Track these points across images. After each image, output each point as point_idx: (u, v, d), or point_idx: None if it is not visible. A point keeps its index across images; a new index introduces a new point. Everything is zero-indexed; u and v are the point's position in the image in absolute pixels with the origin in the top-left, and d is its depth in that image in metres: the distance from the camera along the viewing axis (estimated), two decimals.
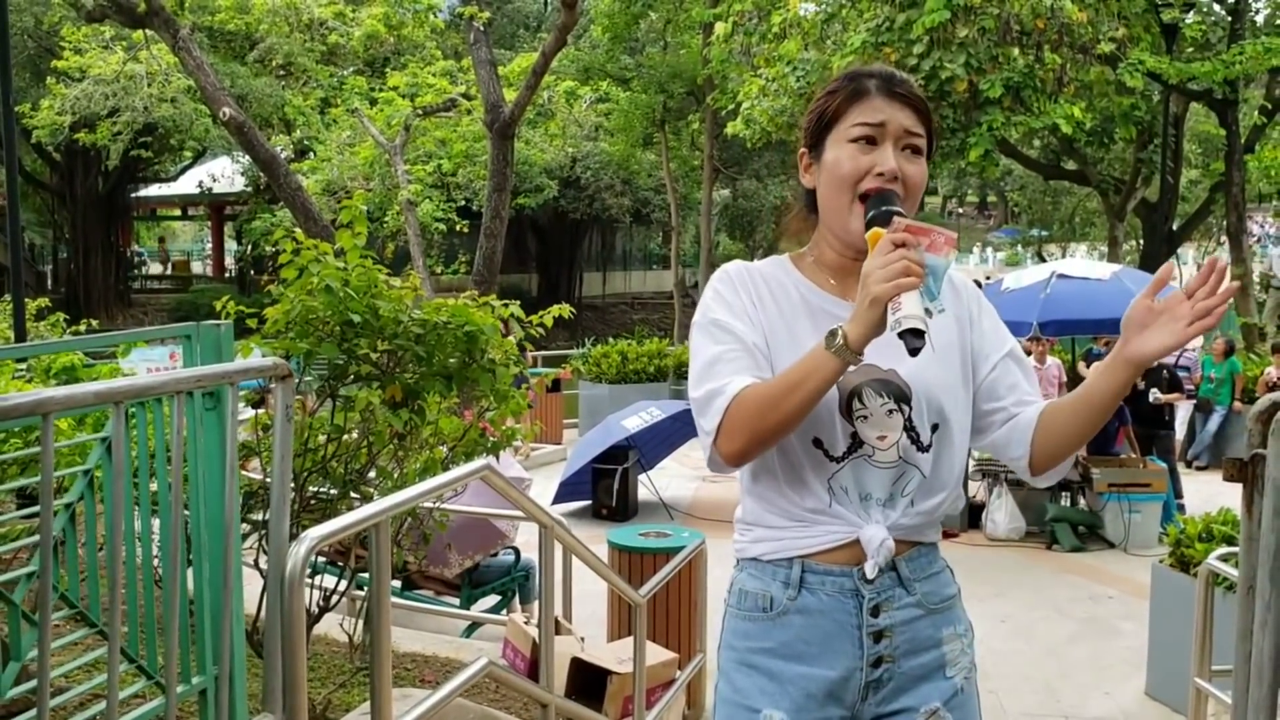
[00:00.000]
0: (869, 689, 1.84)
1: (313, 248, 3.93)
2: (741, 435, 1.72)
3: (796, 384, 1.68)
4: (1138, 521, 9.00)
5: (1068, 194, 33.44)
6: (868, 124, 1.79)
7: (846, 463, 1.81)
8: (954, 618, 1.91)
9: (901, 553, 1.84)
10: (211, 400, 2.56)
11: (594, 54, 25.87)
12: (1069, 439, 1.83)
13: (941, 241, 1.64)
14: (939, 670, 1.86)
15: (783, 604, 1.84)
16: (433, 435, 4.45)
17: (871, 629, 1.82)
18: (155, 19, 12.48)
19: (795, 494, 1.83)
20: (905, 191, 1.78)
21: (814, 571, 1.83)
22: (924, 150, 1.83)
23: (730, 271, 1.92)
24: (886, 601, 1.83)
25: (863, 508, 1.82)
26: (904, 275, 1.58)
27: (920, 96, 1.84)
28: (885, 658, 1.83)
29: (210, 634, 2.59)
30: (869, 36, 12.49)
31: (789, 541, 1.85)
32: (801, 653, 1.83)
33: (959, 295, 1.94)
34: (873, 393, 1.81)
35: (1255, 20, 16.65)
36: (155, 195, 37.96)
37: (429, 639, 6.07)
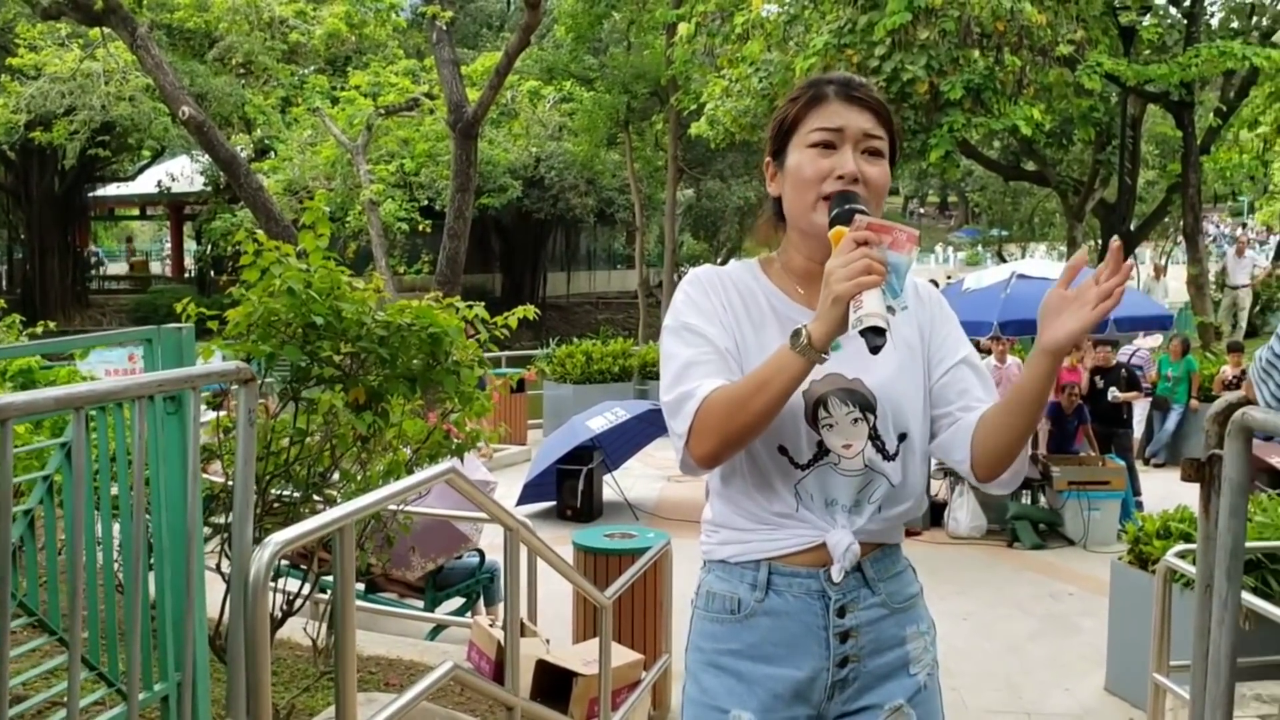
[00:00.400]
0: (835, 688, 1.86)
1: (274, 249, 3.90)
2: (712, 437, 1.74)
3: (763, 384, 1.69)
4: (1097, 519, 9.10)
5: (1027, 195, 33.81)
6: (826, 129, 1.81)
7: (811, 470, 1.83)
8: (917, 616, 1.94)
9: (866, 554, 1.86)
10: (173, 404, 2.54)
11: (558, 54, 25.84)
12: (1007, 438, 1.81)
13: (904, 239, 1.65)
14: (903, 668, 1.90)
15: (750, 606, 1.86)
16: (396, 438, 4.43)
17: (838, 629, 1.85)
18: (113, 16, 12.35)
19: (763, 498, 1.85)
20: (868, 192, 1.80)
21: (781, 574, 1.85)
22: (884, 152, 1.85)
23: (701, 275, 1.94)
24: (852, 602, 1.85)
25: (828, 513, 1.84)
26: (865, 273, 1.60)
27: (879, 100, 1.85)
28: (851, 657, 1.85)
29: (172, 640, 2.57)
30: (831, 38, 12.55)
31: (756, 544, 1.87)
32: (769, 654, 1.85)
33: (921, 301, 1.96)
34: (838, 401, 1.83)
35: (1210, 24, 16.88)
36: (113, 195, 37.52)
37: (393, 642, 6.05)
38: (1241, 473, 1.87)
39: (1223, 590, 1.84)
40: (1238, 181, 21.15)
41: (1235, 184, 22.08)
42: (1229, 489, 1.86)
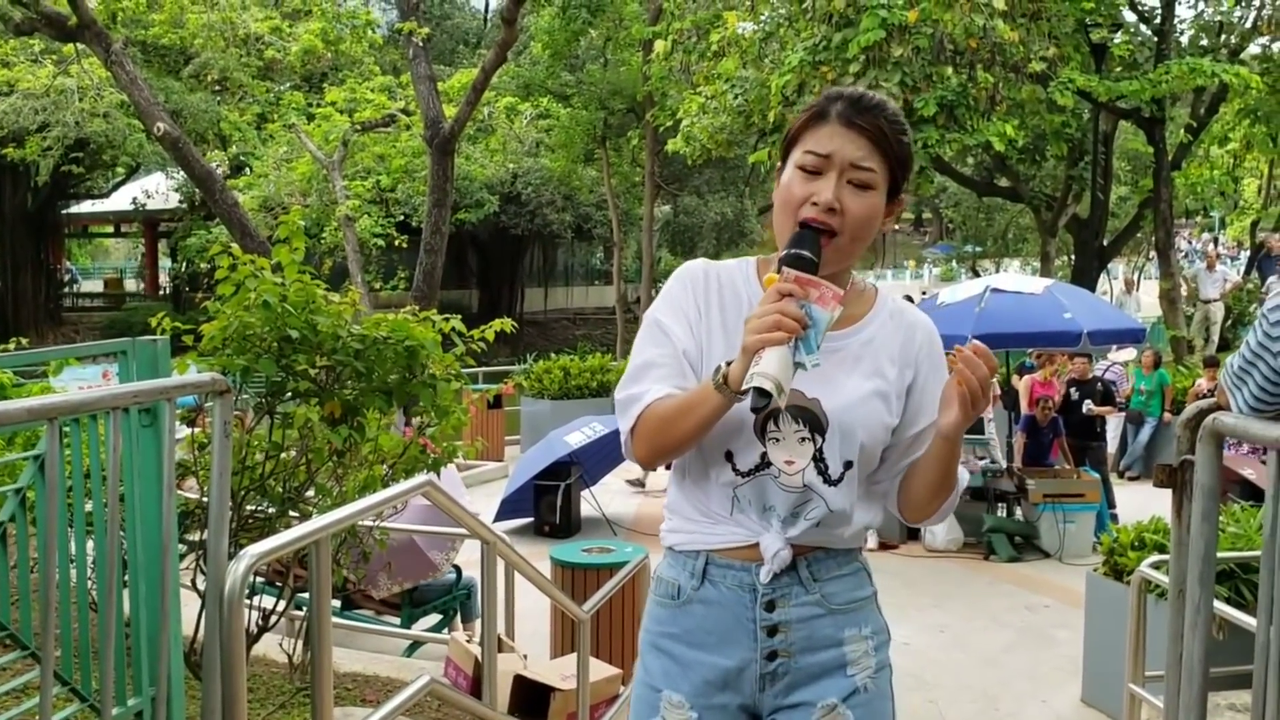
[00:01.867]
0: (765, 680, 1.89)
1: (249, 263, 3.89)
2: (645, 444, 1.84)
3: (687, 411, 1.77)
4: (1072, 531, 9.15)
5: (1001, 210, 34.06)
6: (815, 153, 1.80)
7: (751, 479, 1.86)
8: (861, 620, 1.93)
9: (805, 554, 1.89)
10: (148, 417, 2.53)
11: (534, 70, 25.88)
12: (923, 497, 1.91)
13: (828, 295, 1.67)
14: (839, 669, 1.90)
15: (688, 593, 1.91)
16: (372, 452, 4.42)
17: (765, 623, 1.87)
18: (87, 33, 12.30)
19: (704, 495, 1.90)
20: (844, 225, 1.79)
21: (717, 565, 1.89)
22: (874, 184, 1.81)
23: (690, 270, 1.95)
24: (782, 598, 1.87)
25: (763, 519, 1.87)
26: (773, 329, 1.63)
27: (882, 127, 1.82)
28: (780, 652, 1.88)
29: (147, 655, 2.55)
30: (806, 55, 12.61)
31: (698, 536, 1.91)
32: (702, 641, 1.89)
33: (913, 342, 1.94)
34: (789, 418, 1.84)
35: (1180, 41, 17.06)
36: (87, 212, 37.27)
37: (370, 659, 6.01)
38: (1213, 478, 1.89)
39: (1195, 595, 1.85)
40: (1209, 197, 21.34)
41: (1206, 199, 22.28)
42: (1201, 494, 1.88)
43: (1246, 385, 2.00)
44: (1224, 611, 4.13)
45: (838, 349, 1.85)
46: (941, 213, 51.02)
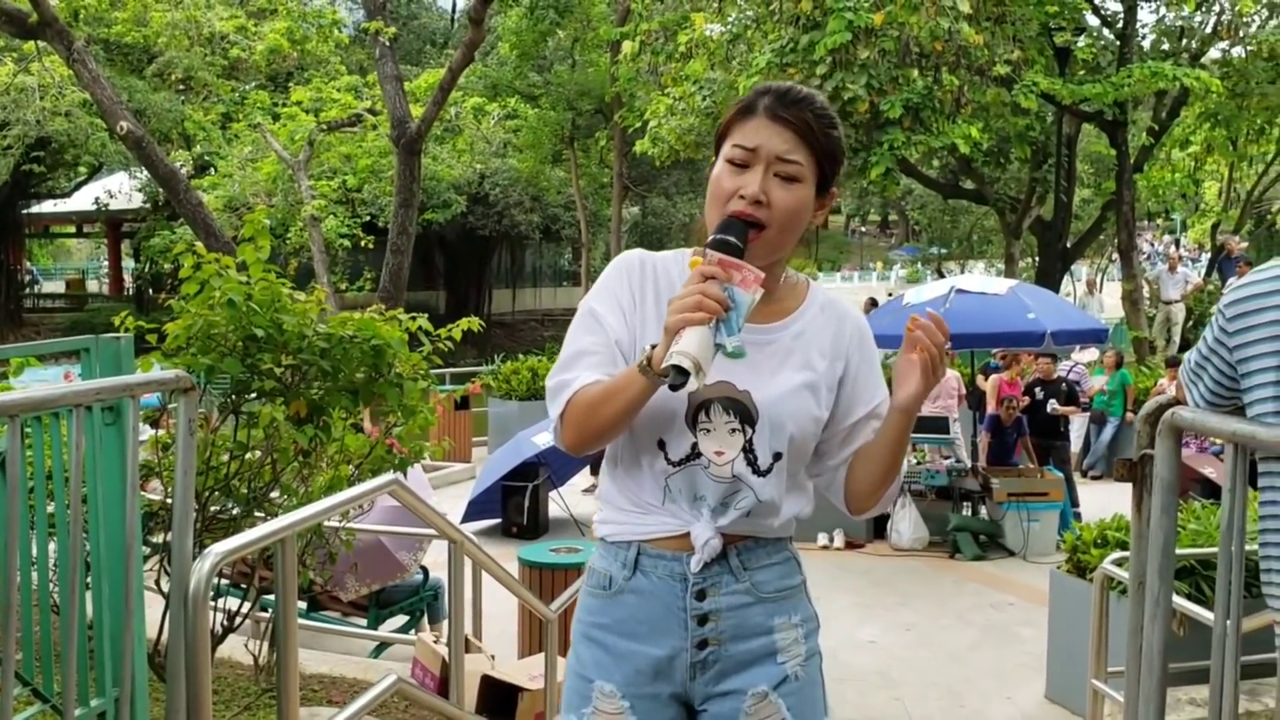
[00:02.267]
0: (695, 669, 1.90)
1: (214, 261, 3.87)
2: (572, 431, 1.85)
3: (612, 395, 1.78)
4: (1036, 530, 9.23)
5: (966, 213, 34.29)
6: (742, 147, 1.82)
7: (681, 469, 1.87)
8: (790, 608, 1.95)
9: (735, 543, 1.90)
10: (111, 415, 2.51)
11: (502, 71, 25.84)
12: (871, 483, 1.94)
13: (750, 278, 1.69)
14: (769, 656, 1.91)
15: (619, 584, 1.92)
16: (338, 453, 4.40)
17: (696, 612, 1.88)
18: (48, 30, 12.16)
19: (635, 485, 1.92)
20: (772, 217, 1.81)
21: (648, 555, 1.90)
22: (801, 177, 1.83)
23: (626, 260, 1.97)
24: (713, 587, 1.89)
25: (694, 509, 1.89)
26: (695, 309, 1.65)
27: (808, 121, 1.83)
28: (710, 640, 1.89)
29: (110, 656, 2.53)
30: (773, 57, 12.65)
31: (629, 526, 1.93)
32: (633, 630, 1.90)
33: (843, 334, 1.97)
34: (720, 409, 1.86)
35: (1142, 45, 17.26)
36: (49, 212, 36.76)
37: (336, 660, 5.97)
38: (1172, 472, 1.92)
39: (1155, 587, 1.88)
40: (1170, 200, 21.61)
41: (1168, 202, 22.56)
42: (1160, 487, 1.90)
43: (1202, 380, 2.03)
44: (1184, 607, 4.19)
45: (769, 341, 1.88)
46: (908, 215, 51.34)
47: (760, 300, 1.76)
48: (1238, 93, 16.80)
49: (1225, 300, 2.00)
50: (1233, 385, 1.97)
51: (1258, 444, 1.78)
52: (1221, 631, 1.84)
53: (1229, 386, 1.98)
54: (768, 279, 1.79)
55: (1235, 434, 1.80)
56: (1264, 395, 1.90)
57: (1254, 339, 1.91)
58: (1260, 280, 1.95)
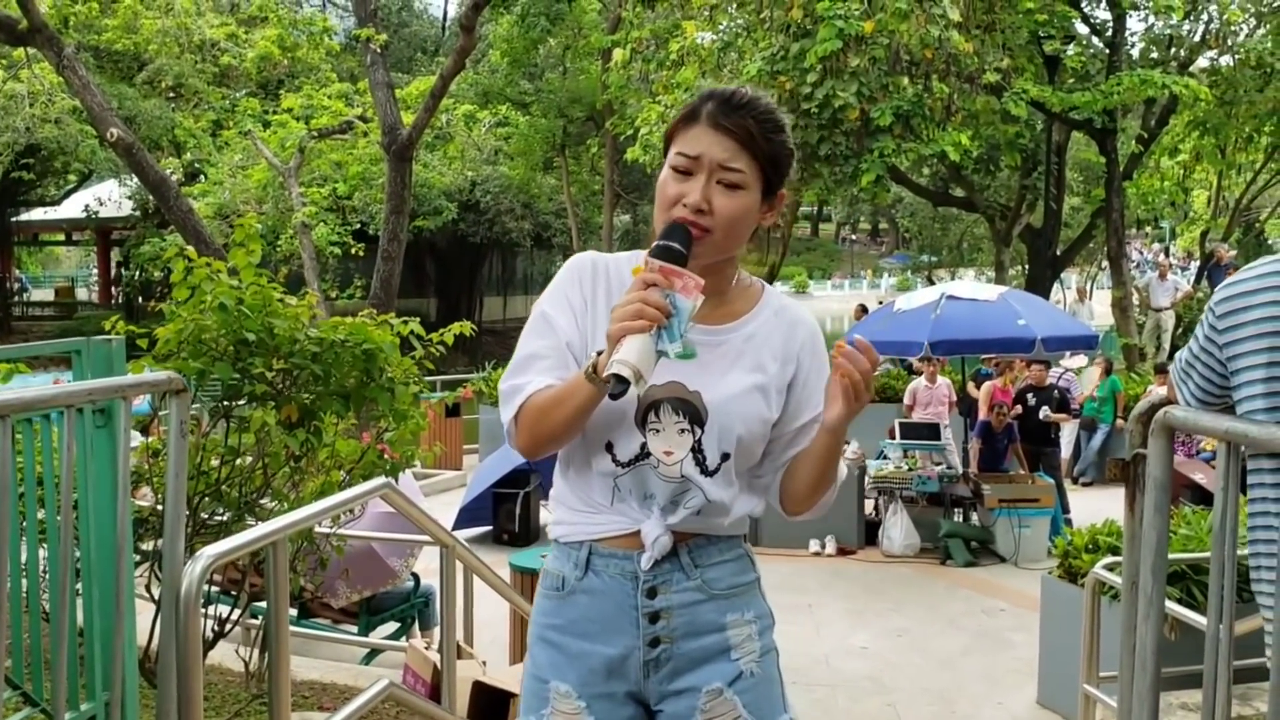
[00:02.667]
0: (649, 667, 1.91)
1: (205, 265, 3.86)
2: (524, 435, 1.87)
3: (561, 402, 1.80)
4: (1027, 536, 9.24)
5: (956, 220, 34.41)
6: (685, 155, 1.83)
7: (630, 469, 1.88)
8: (743, 605, 1.96)
9: (686, 541, 1.91)
10: (102, 418, 2.49)
11: (493, 78, 25.85)
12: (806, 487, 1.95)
13: (691, 285, 1.70)
14: (722, 653, 1.92)
15: (572, 584, 1.92)
16: (330, 458, 4.38)
17: (647, 610, 1.89)
18: (38, 36, 12.12)
19: (585, 485, 1.93)
20: (715, 224, 1.82)
21: (600, 555, 1.91)
22: (744, 184, 1.84)
23: (579, 262, 1.98)
24: (664, 585, 1.89)
25: (644, 508, 1.90)
26: (635, 318, 1.67)
27: (749, 128, 1.83)
28: (662, 638, 1.90)
29: (100, 660, 2.51)
30: (764, 65, 12.68)
31: (580, 526, 1.93)
32: (586, 630, 1.91)
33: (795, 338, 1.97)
34: (670, 409, 1.87)
35: (1131, 54, 17.34)
36: (38, 220, 36.67)
37: (327, 667, 5.95)
38: (1165, 471, 1.92)
39: (1148, 586, 1.88)
40: (1159, 207, 21.70)
41: (1157, 210, 22.65)
42: (1153, 486, 1.91)
43: (1191, 379, 2.04)
44: (1175, 611, 4.19)
45: (720, 343, 1.89)
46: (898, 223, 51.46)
47: (712, 302, 1.81)
48: (1226, 101, 16.91)
49: (1215, 299, 2.01)
50: (1223, 383, 1.98)
51: (1249, 442, 1.78)
52: (1215, 632, 1.84)
53: (1219, 385, 1.99)
54: (719, 280, 1.85)
55: (1228, 432, 1.81)
56: (1253, 393, 1.91)
57: (1243, 336, 1.92)
58: (1249, 278, 1.95)
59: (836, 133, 12.88)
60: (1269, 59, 16.15)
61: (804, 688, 6.46)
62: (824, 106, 12.40)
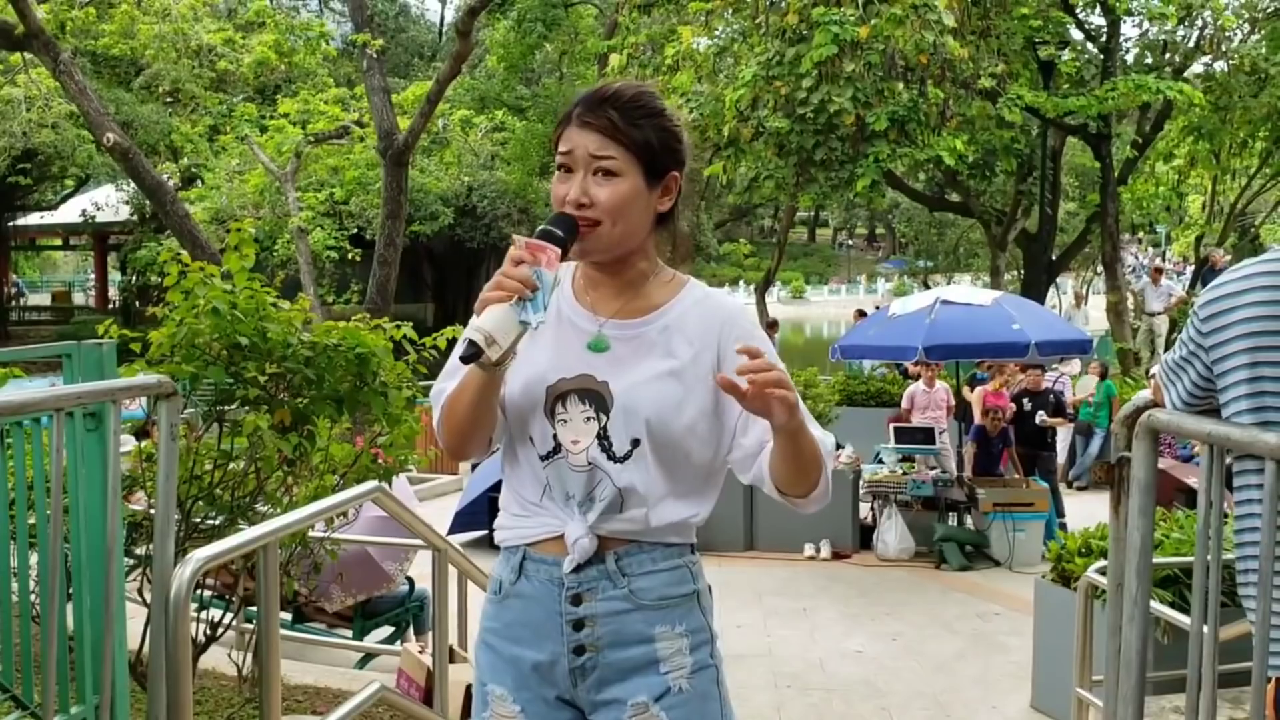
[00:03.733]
0: (575, 675, 1.91)
1: (199, 269, 3.86)
2: (442, 434, 1.95)
3: (460, 391, 1.88)
4: (1022, 539, 9.25)
5: (952, 225, 34.45)
6: (562, 154, 1.89)
7: (550, 462, 1.91)
8: (676, 617, 1.92)
9: (615, 547, 1.90)
10: (93, 421, 2.50)
11: (490, 83, 25.89)
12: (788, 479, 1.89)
13: (554, 258, 1.77)
14: (650, 665, 1.90)
15: (507, 588, 1.96)
16: (323, 462, 4.39)
17: (570, 617, 1.89)
18: (34, 42, 12.13)
19: (521, 485, 1.97)
20: (601, 213, 1.85)
21: (531, 559, 1.94)
22: (618, 170, 1.86)
23: None
24: (589, 592, 1.89)
25: (565, 507, 1.91)
26: (494, 289, 1.73)
27: (609, 120, 1.87)
28: (587, 646, 1.90)
29: (90, 664, 2.52)
30: (760, 70, 12.71)
31: (517, 531, 1.96)
32: (518, 635, 1.94)
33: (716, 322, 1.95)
34: (576, 399, 1.89)
35: (1126, 59, 17.38)
36: (35, 224, 36.69)
37: (321, 671, 5.94)
38: (1150, 473, 1.93)
39: (1133, 587, 1.89)
40: (1154, 212, 21.75)
41: (1152, 214, 22.71)
42: (1138, 489, 1.92)
43: (1179, 382, 2.05)
44: (1167, 615, 4.20)
45: (634, 336, 1.91)
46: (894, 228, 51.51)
47: (626, 295, 1.91)
48: (1220, 106, 16.94)
49: (1200, 301, 2.02)
50: (1209, 386, 1.99)
51: (1232, 444, 1.79)
52: (1199, 630, 1.85)
53: (1205, 387, 2.00)
54: (630, 273, 1.93)
55: (1210, 435, 1.82)
56: (1237, 394, 1.91)
57: (1228, 338, 1.93)
58: (1233, 280, 1.96)
59: (832, 138, 12.91)
60: (1263, 64, 16.19)
61: (799, 691, 6.47)
62: (819, 111, 12.43)
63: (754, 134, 13.12)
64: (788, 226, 25.81)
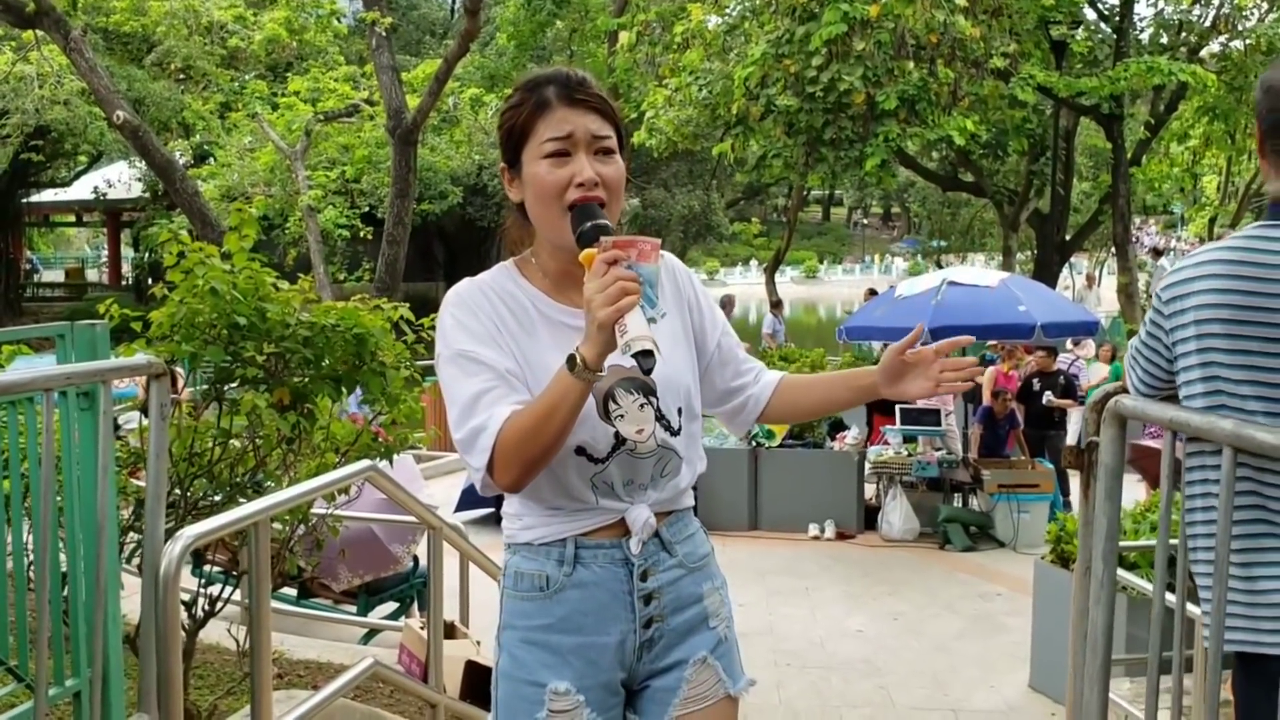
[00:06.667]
0: (642, 649, 1.96)
1: (199, 249, 3.90)
2: (514, 467, 1.80)
3: (550, 411, 1.76)
4: (1026, 521, 9.27)
5: (966, 205, 34.31)
6: (557, 138, 1.85)
7: (611, 460, 1.91)
8: (711, 574, 2.06)
9: (661, 521, 1.97)
10: (86, 400, 2.54)
11: (500, 62, 25.82)
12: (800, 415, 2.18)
13: (648, 249, 1.74)
14: (703, 623, 2.01)
15: (559, 581, 1.93)
16: (325, 440, 4.43)
17: (641, 593, 1.94)
18: (45, 19, 12.18)
19: (560, 494, 1.92)
20: (608, 193, 1.86)
21: (586, 547, 1.93)
22: (614, 149, 1.90)
23: (463, 294, 1.95)
24: (653, 566, 1.95)
25: (627, 494, 1.93)
26: (622, 296, 1.66)
27: (601, 96, 1.90)
28: (655, 618, 1.96)
29: (85, 636, 2.57)
30: (769, 48, 12.68)
31: (558, 526, 1.94)
32: (579, 624, 1.93)
33: (678, 282, 2.07)
34: (623, 391, 1.91)
35: (1140, 39, 17.27)
36: (49, 201, 36.81)
37: (324, 646, 6.02)
38: (1116, 458, 1.96)
39: (1099, 571, 1.92)
40: (1168, 193, 21.64)
41: (1166, 195, 22.59)
42: (1104, 474, 1.94)
43: (1139, 366, 2.08)
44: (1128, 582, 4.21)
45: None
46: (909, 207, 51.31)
47: None
48: (1235, 86, 16.84)
49: (1160, 286, 2.05)
50: (1169, 370, 2.01)
51: (1191, 431, 1.82)
52: (1160, 609, 1.88)
53: (1166, 370, 2.02)
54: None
55: (1172, 421, 1.84)
56: (1191, 379, 1.94)
57: (1184, 323, 1.95)
58: (1191, 265, 1.98)
59: (841, 117, 12.88)
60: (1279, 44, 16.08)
61: (798, 670, 6.52)
62: (829, 90, 12.40)
63: (763, 112, 13.10)
64: (797, 206, 25.75)
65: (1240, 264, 1.91)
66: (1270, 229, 1.94)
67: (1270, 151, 2.00)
